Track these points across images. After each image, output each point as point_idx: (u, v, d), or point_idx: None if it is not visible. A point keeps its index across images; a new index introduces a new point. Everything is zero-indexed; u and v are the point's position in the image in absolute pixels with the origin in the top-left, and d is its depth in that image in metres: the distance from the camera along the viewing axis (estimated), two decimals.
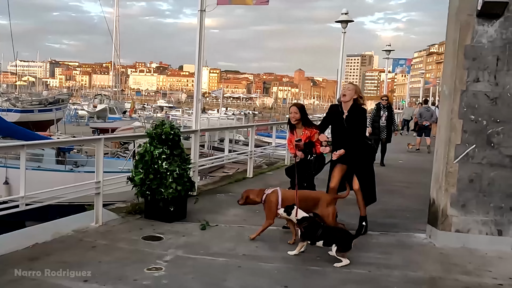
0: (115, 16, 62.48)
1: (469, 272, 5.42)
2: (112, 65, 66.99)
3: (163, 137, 6.95)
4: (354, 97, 6.59)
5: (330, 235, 5.52)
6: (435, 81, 65.58)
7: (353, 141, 6.56)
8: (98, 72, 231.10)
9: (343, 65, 21.20)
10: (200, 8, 9.44)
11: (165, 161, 6.81)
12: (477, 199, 6.16)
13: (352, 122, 6.56)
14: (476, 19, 6.03)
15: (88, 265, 5.03)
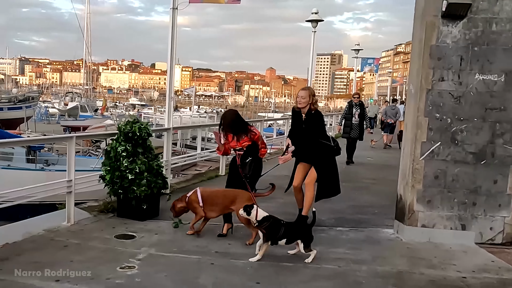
0: (86, 13, 61.74)
1: (435, 266, 5.59)
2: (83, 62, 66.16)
3: (129, 135, 6.96)
4: (309, 102, 6.65)
5: (292, 232, 5.54)
6: (402, 80, 66.76)
7: (312, 141, 6.63)
8: (69, 69, 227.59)
9: (313, 63, 21.41)
10: (173, 6, 9.45)
11: (126, 159, 6.83)
12: (442, 195, 6.36)
13: (310, 124, 6.66)
14: (441, 20, 6.20)
15: (60, 265, 5.00)
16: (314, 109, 6.70)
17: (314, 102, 6.69)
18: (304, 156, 6.77)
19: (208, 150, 13.44)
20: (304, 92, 6.74)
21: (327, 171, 6.77)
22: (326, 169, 6.77)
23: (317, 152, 6.70)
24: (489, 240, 6.39)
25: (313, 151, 6.69)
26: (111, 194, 7.09)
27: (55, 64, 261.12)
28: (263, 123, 16.03)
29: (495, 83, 6.18)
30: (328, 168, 6.79)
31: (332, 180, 6.82)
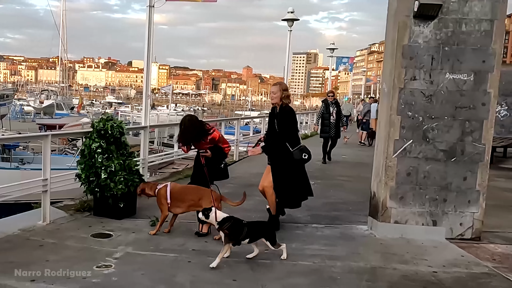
0: (62, 10, 60.85)
1: (407, 261, 5.72)
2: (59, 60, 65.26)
3: (106, 133, 6.95)
4: (281, 96, 6.62)
5: (255, 231, 5.46)
6: (376, 79, 67.58)
7: (278, 140, 6.59)
8: (45, 67, 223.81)
9: (289, 62, 21.54)
10: (149, 4, 9.45)
11: (100, 155, 6.83)
12: (414, 191, 6.51)
13: (280, 122, 6.62)
14: (413, 20, 6.34)
15: (35, 265, 4.98)
16: (286, 104, 6.66)
17: (284, 96, 6.62)
18: (269, 156, 6.77)
19: None
20: (274, 87, 6.74)
21: (282, 182, 6.61)
22: (282, 176, 6.62)
23: (276, 154, 6.64)
24: (459, 235, 6.55)
25: (273, 152, 6.66)
26: (88, 192, 7.07)
27: (30, 61, 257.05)
28: (240, 121, 16.05)
29: (464, 82, 6.34)
30: (285, 176, 6.62)
31: (287, 189, 6.64)
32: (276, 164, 6.65)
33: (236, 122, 15.40)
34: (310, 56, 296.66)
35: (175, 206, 6.29)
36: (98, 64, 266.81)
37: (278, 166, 6.63)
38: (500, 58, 6.42)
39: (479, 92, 6.36)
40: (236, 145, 14.05)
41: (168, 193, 6.26)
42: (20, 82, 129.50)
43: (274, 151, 6.63)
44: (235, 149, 14.01)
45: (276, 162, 6.65)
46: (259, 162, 6.99)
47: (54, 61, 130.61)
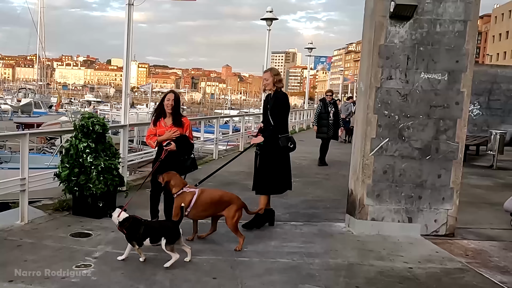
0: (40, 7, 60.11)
1: (383, 257, 5.83)
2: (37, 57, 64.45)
3: (88, 131, 6.93)
4: (273, 81, 6.62)
5: (155, 230, 5.36)
6: (353, 78, 68.01)
7: (269, 128, 6.60)
8: (22, 65, 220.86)
9: (268, 61, 21.58)
10: (128, 2, 9.41)
11: (90, 155, 6.81)
12: (390, 189, 6.63)
13: (273, 108, 6.60)
14: (389, 20, 6.45)
15: (13, 265, 4.95)
16: (279, 90, 6.69)
17: (276, 81, 6.61)
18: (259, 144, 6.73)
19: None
20: (266, 73, 6.72)
21: (268, 164, 6.65)
22: (268, 161, 6.65)
23: (268, 141, 6.60)
24: (433, 232, 6.70)
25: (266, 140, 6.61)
26: (67, 192, 7.04)
27: (7, 59, 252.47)
28: (219, 120, 16.08)
29: (439, 81, 6.47)
30: (271, 161, 6.65)
31: (272, 174, 6.66)
32: (263, 149, 6.66)
33: (216, 120, 15.40)
34: (289, 55, 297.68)
35: (195, 214, 6.07)
36: (76, 62, 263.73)
37: (265, 151, 6.65)
38: (473, 58, 6.58)
39: (453, 92, 6.50)
40: (216, 143, 14.07)
41: (192, 202, 5.95)
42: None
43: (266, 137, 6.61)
44: (214, 148, 14.03)
45: (264, 148, 6.65)
46: (237, 160, 7.01)
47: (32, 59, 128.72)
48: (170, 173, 6.16)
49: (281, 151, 6.62)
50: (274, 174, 6.65)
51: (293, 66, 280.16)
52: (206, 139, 15.46)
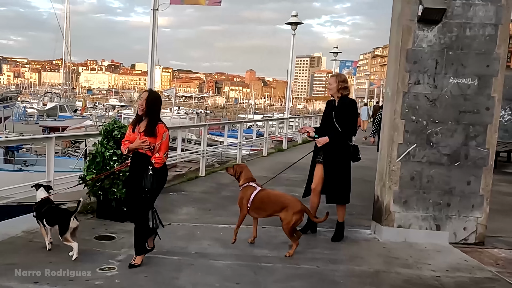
0: (66, 13, 61.05)
1: (410, 265, 5.71)
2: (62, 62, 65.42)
3: (114, 138, 6.95)
4: (338, 88, 6.42)
5: (53, 214, 5.50)
6: (379, 83, 67.35)
7: (337, 135, 6.36)
8: (48, 69, 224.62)
9: (292, 66, 21.52)
10: (153, 7, 9.46)
11: (116, 162, 6.83)
12: (417, 195, 6.50)
13: (339, 114, 6.36)
14: (417, 24, 6.34)
15: (39, 266, 4.98)
16: (345, 96, 6.47)
17: (341, 88, 6.41)
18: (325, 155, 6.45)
19: (188, 151, 13.46)
20: (331, 79, 6.58)
21: (340, 179, 6.45)
22: (340, 176, 6.45)
23: (333, 149, 6.39)
24: (462, 240, 6.54)
25: (333, 150, 6.37)
26: (91, 195, 7.08)
27: (34, 63, 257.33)
28: (243, 124, 16.06)
29: (468, 86, 6.34)
30: (342, 175, 6.47)
31: (343, 189, 6.50)
32: (331, 158, 6.41)
33: (239, 125, 15.39)
34: (314, 59, 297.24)
35: (254, 212, 6.06)
36: (101, 67, 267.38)
37: (334, 160, 6.42)
38: (504, 62, 6.40)
39: (483, 97, 6.36)
40: (239, 148, 14.04)
41: (251, 198, 5.99)
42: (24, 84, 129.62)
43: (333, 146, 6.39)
44: (238, 152, 14.01)
45: (332, 157, 6.40)
46: (260, 165, 6.96)
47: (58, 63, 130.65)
48: (242, 165, 6.49)
49: (350, 159, 6.49)
50: (349, 182, 6.56)
51: (317, 70, 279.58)
52: (230, 143, 15.45)
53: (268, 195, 6.08)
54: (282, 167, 11.20)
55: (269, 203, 5.99)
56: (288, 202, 5.92)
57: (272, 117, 36.55)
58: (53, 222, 5.44)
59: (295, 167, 7.05)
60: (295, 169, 6.73)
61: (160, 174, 5.25)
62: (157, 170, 5.20)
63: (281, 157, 15.83)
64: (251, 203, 5.98)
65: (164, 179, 5.40)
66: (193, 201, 8.59)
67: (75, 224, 5.36)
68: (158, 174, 5.22)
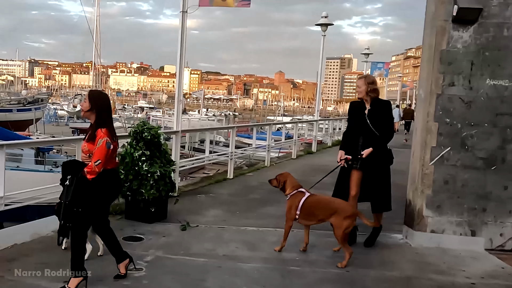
0: (96, 16, 61.89)
1: (443, 272, 5.55)
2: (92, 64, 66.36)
3: (143, 139, 6.96)
4: (367, 90, 6.07)
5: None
6: (412, 85, 66.30)
7: (376, 140, 6.02)
8: (78, 71, 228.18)
9: (322, 67, 21.32)
10: (182, 9, 9.44)
11: (145, 163, 6.83)
12: (451, 200, 6.31)
13: (375, 118, 6.04)
14: (451, 24, 6.18)
15: (67, 266, 4.95)
16: (377, 98, 6.14)
17: (370, 90, 6.06)
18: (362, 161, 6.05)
19: (216, 154, 13.45)
20: (359, 81, 6.21)
21: (381, 185, 6.15)
22: (381, 182, 6.15)
23: (377, 159, 6.04)
24: (499, 246, 6.33)
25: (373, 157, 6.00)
26: (120, 196, 7.09)
27: (64, 66, 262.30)
28: (271, 126, 15.99)
29: (506, 88, 6.14)
30: (383, 181, 6.17)
31: (384, 195, 6.22)
32: (373, 165, 6.04)
33: (268, 127, 15.32)
34: (344, 61, 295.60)
35: (304, 219, 5.82)
36: (130, 69, 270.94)
37: (375, 167, 6.06)
38: None
39: None
40: (268, 150, 13.97)
41: (300, 204, 5.74)
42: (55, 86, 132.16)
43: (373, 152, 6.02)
44: (266, 155, 13.93)
45: (373, 163, 6.03)
46: (289, 168, 6.87)
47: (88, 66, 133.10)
48: (284, 173, 6.09)
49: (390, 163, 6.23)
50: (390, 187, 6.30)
51: (348, 72, 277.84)
52: (258, 145, 15.40)
53: (317, 200, 5.84)
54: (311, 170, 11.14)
55: (319, 208, 5.76)
56: (338, 207, 5.70)
57: (301, 119, 36.42)
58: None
59: (325, 169, 6.93)
60: (325, 171, 6.60)
61: (92, 186, 4.51)
62: (87, 181, 4.49)
63: (310, 159, 15.73)
64: (300, 210, 5.74)
65: (99, 192, 4.60)
66: (221, 203, 8.56)
67: None
68: (88, 186, 4.50)
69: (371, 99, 6.12)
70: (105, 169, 4.56)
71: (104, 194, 4.71)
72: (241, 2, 9.56)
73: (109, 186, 4.72)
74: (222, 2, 9.76)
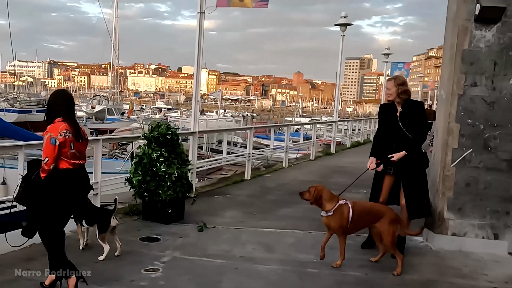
0: (114, 17, 62.34)
1: (465, 276, 5.44)
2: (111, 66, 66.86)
3: (161, 139, 6.95)
4: (398, 92, 5.78)
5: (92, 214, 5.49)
6: (434, 85, 65.42)
7: (410, 143, 5.76)
8: (97, 73, 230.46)
9: (342, 68, 21.14)
10: (200, 10, 9.44)
11: (163, 164, 6.81)
12: (473, 203, 6.18)
13: (408, 120, 5.77)
14: (473, 24, 6.05)
15: (85, 266, 4.98)
16: (408, 99, 5.83)
17: (401, 92, 5.78)
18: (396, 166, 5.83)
19: (233, 154, 13.40)
20: (389, 82, 5.92)
21: (418, 190, 5.86)
22: (418, 187, 5.87)
23: (411, 163, 5.78)
24: None
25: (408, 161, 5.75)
26: (137, 196, 7.10)
27: (83, 67, 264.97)
28: (290, 127, 15.90)
29: None
30: (420, 186, 5.89)
31: (422, 200, 5.92)
32: (408, 169, 5.79)
33: (286, 128, 15.23)
34: (364, 61, 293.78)
35: (353, 228, 5.55)
36: (148, 70, 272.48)
37: (411, 171, 5.81)
38: None
39: None
40: (286, 151, 13.89)
41: (350, 216, 5.37)
42: (73, 87, 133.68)
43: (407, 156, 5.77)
44: (284, 156, 13.86)
45: (409, 168, 5.79)
46: (307, 169, 6.80)
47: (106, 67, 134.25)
48: (318, 186, 5.52)
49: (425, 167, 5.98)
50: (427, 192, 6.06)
51: (368, 72, 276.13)
52: (276, 146, 15.32)
53: (362, 207, 5.52)
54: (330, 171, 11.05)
55: (365, 215, 5.47)
56: (383, 211, 5.46)
57: (320, 120, 36.23)
58: (92, 222, 5.46)
59: (344, 171, 6.88)
60: (344, 173, 6.55)
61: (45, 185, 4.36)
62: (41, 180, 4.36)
63: (329, 161, 15.62)
64: (350, 222, 5.39)
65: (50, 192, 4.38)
66: (238, 205, 8.52)
67: (114, 222, 5.43)
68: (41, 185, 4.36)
69: (404, 101, 5.84)
70: (58, 169, 4.36)
71: (56, 195, 4.38)
72: (259, 2, 9.52)
73: (61, 187, 4.39)
74: (240, 2, 9.72)
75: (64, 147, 4.35)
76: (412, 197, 5.83)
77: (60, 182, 4.37)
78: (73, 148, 4.44)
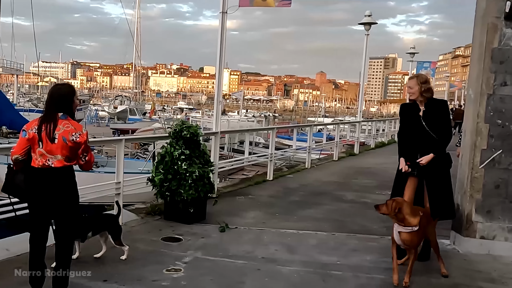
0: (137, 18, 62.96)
1: (494, 280, 5.29)
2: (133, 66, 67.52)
3: (183, 138, 6.92)
4: (420, 91, 5.52)
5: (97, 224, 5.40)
6: (461, 85, 64.30)
7: (435, 144, 5.49)
8: (119, 73, 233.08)
9: (365, 67, 20.89)
10: (222, 10, 9.42)
11: (184, 162, 6.78)
12: (503, 205, 6.01)
13: (432, 120, 5.52)
14: (503, 21, 5.90)
15: (107, 266, 5.04)
16: (431, 98, 5.59)
17: (424, 90, 5.51)
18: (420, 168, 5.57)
19: (255, 155, 13.35)
20: (411, 81, 5.65)
21: (443, 191, 5.59)
22: (443, 188, 5.60)
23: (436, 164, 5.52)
24: None
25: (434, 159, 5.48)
26: (158, 196, 7.08)
27: (106, 68, 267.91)
28: (312, 128, 15.78)
29: None
30: (445, 187, 5.62)
31: (447, 201, 5.64)
32: (433, 171, 5.53)
33: (309, 128, 15.12)
34: (388, 61, 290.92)
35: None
36: (170, 70, 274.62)
37: (436, 172, 5.55)
38: None
39: None
40: (308, 152, 13.77)
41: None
42: (96, 88, 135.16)
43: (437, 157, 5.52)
44: (307, 156, 13.74)
45: (434, 169, 5.52)
46: (330, 170, 6.70)
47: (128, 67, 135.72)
48: (398, 199, 5.11)
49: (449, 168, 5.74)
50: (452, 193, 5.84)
51: (392, 72, 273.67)
52: (298, 147, 15.22)
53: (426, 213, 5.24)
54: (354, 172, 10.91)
55: (427, 221, 5.20)
56: (428, 211, 5.28)
57: (343, 121, 35.98)
58: (100, 229, 5.37)
59: (368, 172, 6.76)
60: (368, 174, 6.42)
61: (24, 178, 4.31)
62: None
63: (352, 162, 15.44)
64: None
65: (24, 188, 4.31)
66: (260, 205, 8.45)
67: None
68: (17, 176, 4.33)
69: (427, 100, 5.60)
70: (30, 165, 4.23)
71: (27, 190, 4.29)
72: (282, 1, 9.45)
73: (28, 184, 4.26)
74: (262, 2, 9.67)
75: (33, 143, 4.18)
76: (435, 198, 5.57)
77: (27, 179, 4.26)
78: (41, 147, 4.16)
